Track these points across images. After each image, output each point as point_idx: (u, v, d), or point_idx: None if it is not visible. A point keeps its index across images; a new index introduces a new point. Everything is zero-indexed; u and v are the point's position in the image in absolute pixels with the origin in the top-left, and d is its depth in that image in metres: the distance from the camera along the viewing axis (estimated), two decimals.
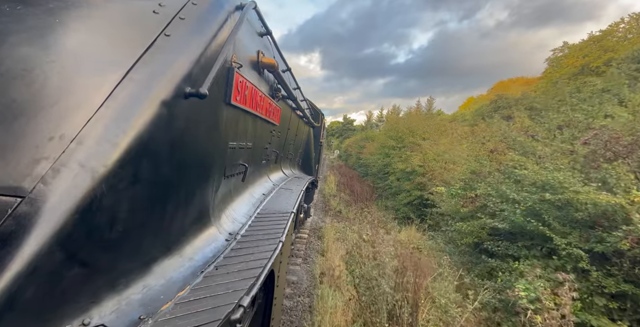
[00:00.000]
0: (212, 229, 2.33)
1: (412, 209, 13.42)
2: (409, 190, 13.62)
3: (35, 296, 1.05)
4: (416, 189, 13.15)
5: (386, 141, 19.02)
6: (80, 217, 1.16)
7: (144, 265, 1.62)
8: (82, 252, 1.22)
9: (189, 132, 1.85)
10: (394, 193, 15.50)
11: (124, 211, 1.39)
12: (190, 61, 1.71)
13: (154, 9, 1.74)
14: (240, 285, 1.77)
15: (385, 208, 15.12)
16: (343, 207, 14.11)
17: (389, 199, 15.88)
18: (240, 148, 2.96)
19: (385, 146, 18.91)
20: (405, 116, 21.51)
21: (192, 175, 2.00)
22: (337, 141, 57.63)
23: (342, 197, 16.38)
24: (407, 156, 14.88)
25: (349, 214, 12.87)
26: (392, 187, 15.85)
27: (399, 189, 14.88)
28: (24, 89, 1.25)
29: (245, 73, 2.56)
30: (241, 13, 2.29)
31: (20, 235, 1.03)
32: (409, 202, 13.50)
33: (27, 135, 1.18)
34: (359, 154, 28.37)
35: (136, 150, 1.39)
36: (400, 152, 16.83)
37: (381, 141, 19.86)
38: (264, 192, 4.02)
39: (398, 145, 17.71)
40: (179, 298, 1.59)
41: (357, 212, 13.06)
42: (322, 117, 11.44)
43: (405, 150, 16.50)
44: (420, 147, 14.90)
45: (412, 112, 22.38)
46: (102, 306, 1.32)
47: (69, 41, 1.44)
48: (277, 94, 3.86)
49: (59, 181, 1.14)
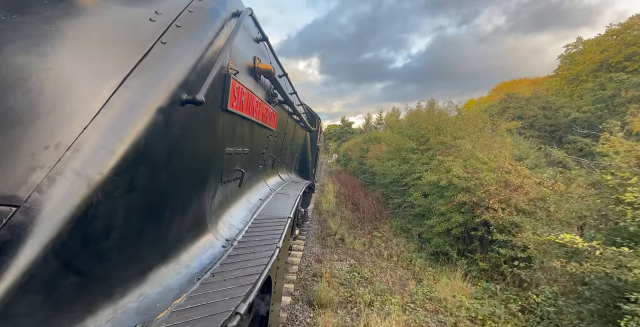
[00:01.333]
0: (209, 235, 2.32)
1: (451, 242, 8.94)
2: (444, 212, 8.92)
3: (30, 306, 1.04)
4: (457, 211, 8.63)
5: (402, 142, 13.63)
6: (75, 225, 1.15)
7: (140, 273, 1.61)
8: (77, 261, 1.21)
9: (186, 138, 1.85)
10: (419, 214, 10.76)
11: (120, 219, 1.39)
12: (186, 68, 1.71)
13: (150, 16, 1.75)
14: (237, 292, 1.76)
15: (401, 230, 11.32)
16: (346, 231, 10.69)
17: (410, 220, 11.24)
18: (237, 154, 2.96)
19: (401, 149, 13.74)
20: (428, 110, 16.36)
21: (188, 181, 2.00)
22: (335, 145, 57.27)
23: (343, 215, 12.95)
24: (440, 162, 10.07)
25: (355, 244, 9.50)
26: (415, 206, 10.91)
27: (428, 209, 9.97)
28: (20, 97, 1.25)
29: (241, 79, 2.57)
30: (238, 20, 2.30)
31: (15, 244, 1.02)
32: (446, 231, 8.88)
33: (22, 144, 1.17)
34: (362, 159, 23.41)
35: (133, 158, 1.38)
36: (425, 157, 11.93)
37: (395, 143, 14.61)
38: (260, 198, 4.02)
39: (420, 148, 12.77)
40: (175, 306, 1.57)
41: (366, 240, 10.03)
42: (318, 121, 11.48)
43: (432, 153, 11.60)
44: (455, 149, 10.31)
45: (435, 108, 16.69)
46: (98, 315, 1.31)
47: (66, 49, 1.44)
48: (274, 99, 3.88)
49: (55, 190, 1.13)
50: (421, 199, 10.42)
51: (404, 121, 18.96)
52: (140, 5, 1.80)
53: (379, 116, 52.79)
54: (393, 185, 14.15)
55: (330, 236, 10.12)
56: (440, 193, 9.70)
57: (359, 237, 10.42)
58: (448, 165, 9.39)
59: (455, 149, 10.32)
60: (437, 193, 9.85)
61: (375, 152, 19.30)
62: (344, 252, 8.86)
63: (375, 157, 18.56)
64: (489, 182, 8.18)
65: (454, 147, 10.48)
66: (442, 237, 9.14)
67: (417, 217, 11.00)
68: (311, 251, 8.51)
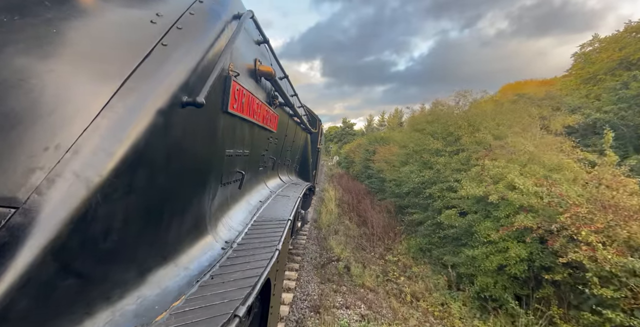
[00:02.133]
0: (209, 237, 2.32)
1: (506, 283, 6.18)
2: (496, 240, 6.23)
3: (29, 308, 1.04)
4: (515, 240, 6.06)
5: (423, 142, 10.77)
6: (74, 227, 1.15)
7: (139, 275, 1.60)
8: (76, 263, 1.21)
9: (186, 140, 1.85)
10: (452, 238, 7.85)
11: (119, 221, 1.39)
12: (187, 70, 1.72)
13: (151, 18, 1.75)
14: (236, 294, 1.75)
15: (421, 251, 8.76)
16: (352, 254, 8.41)
17: (438, 243, 8.45)
18: (237, 155, 2.96)
19: (422, 150, 10.86)
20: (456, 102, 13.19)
21: (188, 183, 2.00)
22: (336, 147, 56.73)
23: (348, 230, 10.55)
24: (483, 169, 7.34)
25: (365, 277, 6.98)
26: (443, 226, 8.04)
27: (468, 233, 7.16)
28: (20, 98, 1.25)
29: (242, 81, 2.58)
30: (238, 22, 2.31)
31: (13, 246, 1.02)
32: (498, 267, 6.14)
33: (22, 145, 1.18)
34: (368, 162, 20.30)
35: (132, 160, 1.38)
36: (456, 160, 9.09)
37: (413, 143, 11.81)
38: (260, 200, 4.02)
39: (447, 149, 9.79)
40: (174, 308, 1.57)
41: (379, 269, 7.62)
42: (319, 123, 11.49)
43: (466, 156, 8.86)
44: (504, 150, 7.64)
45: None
46: (96, 318, 1.31)
47: (67, 51, 1.44)
48: (274, 101, 3.88)
49: (54, 191, 1.13)
50: (456, 217, 7.52)
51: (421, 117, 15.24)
52: (141, 7, 1.81)
53: (381, 118, 52.70)
54: (412, 196, 10.82)
55: (332, 261, 7.93)
56: (485, 211, 6.87)
57: (368, 263, 8.04)
58: (496, 172, 6.79)
59: (504, 151, 7.54)
60: (481, 211, 6.98)
61: (383, 155, 16.57)
62: (351, 290, 6.58)
63: (384, 160, 15.87)
64: (577, 201, 5.41)
65: (500, 148, 7.73)
66: (491, 276, 6.24)
67: (449, 242, 7.96)
68: (306, 289, 6.33)
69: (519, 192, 6.08)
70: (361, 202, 14.20)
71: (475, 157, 8.28)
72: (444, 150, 9.97)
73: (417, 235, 9.67)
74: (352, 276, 7.26)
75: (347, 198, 15.49)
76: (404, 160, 12.58)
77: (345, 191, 17.89)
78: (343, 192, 17.65)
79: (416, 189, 10.43)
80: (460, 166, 8.85)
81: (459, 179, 8.10)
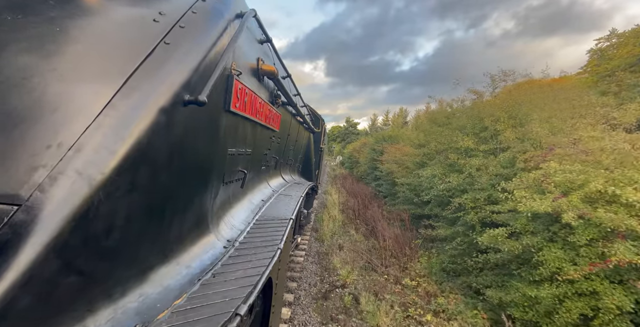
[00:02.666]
0: (210, 236, 2.32)
1: None
2: (576, 280, 4.23)
3: (31, 305, 1.04)
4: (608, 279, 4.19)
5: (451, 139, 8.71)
6: (77, 225, 1.16)
7: (140, 273, 1.61)
8: (78, 260, 1.21)
9: (188, 139, 1.85)
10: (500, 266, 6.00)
11: (121, 219, 1.39)
12: (189, 69, 1.72)
13: (154, 17, 1.76)
14: (237, 293, 1.75)
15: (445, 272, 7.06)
16: (360, 278, 6.78)
17: (473, 269, 6.48)
18: (240, 154, 2.97)
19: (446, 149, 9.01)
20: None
21: (190, 182, 2.00)
22: (339, 146, 56.34)
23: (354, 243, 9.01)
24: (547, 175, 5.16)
25: (380, 315, 5.35)
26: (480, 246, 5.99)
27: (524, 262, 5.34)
28: (23, 96, 1.26)
29: (244, 80, 2.58)
30: (241, 21, 2.31)
31: (16, 243, 1.02)
32: (582, 318, 4.18)
33: (25, 143, 1.18)
34: (375, 163, 18.12)
35: (134, 158, 1.39)
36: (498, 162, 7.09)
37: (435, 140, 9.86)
38: (263, 199, 4.02)
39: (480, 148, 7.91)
40: (175, 306, 1.57)
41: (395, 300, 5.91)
42: (322, 122, 11.49)
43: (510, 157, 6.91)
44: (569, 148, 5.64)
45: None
46: (98, 315, 1.31)
47: (69, 49, 1.45)
48: (277, 101, 3.88)
49: (56, 189, 1.14)
50: (504, 240, 5.34)
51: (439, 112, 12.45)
52: (144, 6, 1.81)
53: (385, 117, 52.46)
54: (434, 205, 8.87)
55: (336, 288, 6.29)
56: (548, 233, 4.95)
57: (382, 290, 6.28)
58: (563, 179, 4.83)
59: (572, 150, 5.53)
60: (542, 233, 5.01)
61: (393, 155, 14.62)
62: None
63: (394, 160, 13.95)
64: None
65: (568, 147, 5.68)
66: None
67: (489, 268, 6.05)
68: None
69: (612, 209, 4.27)
70: (368, 208, 12.59)
71: (522, 158, 6.28)
72: (476, 149, 8.01)
73: (437, 249, 8.05)
74: (362, 312, 5.55)
75: (352, 203, 13.78)
76: (420, 162, 10.85)
77: (349, 194, 16.13)
78: (347, 195, 15.90)
79: (440, 197, 8.28)
80: (500, 169, 6.81)
81: (504, 186, 5.85)
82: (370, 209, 12.36)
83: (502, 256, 5.53)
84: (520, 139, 6.91)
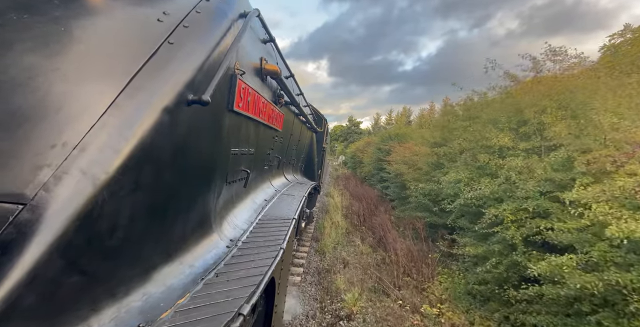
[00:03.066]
0: (213, 235, 2.32)
1: None
2: None
3: (35, 305, 1.04)
4: None
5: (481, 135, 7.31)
6: (81, 224, 1.16)
7: (144, 272, 1.61)
8: (82, 259, 1.21)
9: (191, 138, 1.85)
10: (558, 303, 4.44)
11: (125, 218, 1.39)
12: (193, 68, 1.72)
13: (158, 17, 1.76)
14: (240, 293, 1.75)
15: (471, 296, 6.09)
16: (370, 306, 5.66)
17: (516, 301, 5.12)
18: (243, 154, 2.97)
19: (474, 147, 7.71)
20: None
21: (193, 181, 2.00)
22: (342, 146, 56.11)
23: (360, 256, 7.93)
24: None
25: None
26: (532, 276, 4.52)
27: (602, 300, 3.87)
28: (28, 97, 1.26)
29: (248, 80, 2.58)
30: (244, 21, 2.31)
31: (21, 242, 1.03)
32: None
33: (30, 143, 1.19)
34: (381, 163, 16.70)
35: (138, 157, 1.39)
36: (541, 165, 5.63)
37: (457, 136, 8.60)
38: (265, 198, 4.02)
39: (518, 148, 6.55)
40: (178, 306, 1.58)
41: None
42: (325, 122, 11.48)
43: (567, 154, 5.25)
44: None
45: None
46: (102, 314, 1.32)
47: (74, 49, 1.45)
48: (280, 100, 3.88)
49: (61, 188, 1.14)
50: (573, 271, 4.14)
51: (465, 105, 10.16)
52: (148, 6, 1.81)
53: (388, 116, 52.27)
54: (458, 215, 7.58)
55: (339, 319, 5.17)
56: None
57: (397, 324, 5.15)
58: None
59: None
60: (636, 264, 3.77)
61: (402, 155, 13.25)
62: None
63: (403, 161, 12.61)
64: None
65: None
66: None
67: (548, 306, 4.72)
68: None
69: None
70: (375, 214, 11.26)
71: (584, 159, 4.91)
72: (514, 148, 6.54)
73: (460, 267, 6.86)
74: None
75: (356, 207, 12.42)
76: (435, 162, 9.44)
77: (353, 197, 14.77)
78: (351, 198, 14.62)
79: (467, 205, 6.77)
80: (552, 173, 5.42)
81: (565, 196, 4.62)
82: (377, 215, 11.03)
83: (567, 292, 4.11)
84: (574, 135, 5.45)
